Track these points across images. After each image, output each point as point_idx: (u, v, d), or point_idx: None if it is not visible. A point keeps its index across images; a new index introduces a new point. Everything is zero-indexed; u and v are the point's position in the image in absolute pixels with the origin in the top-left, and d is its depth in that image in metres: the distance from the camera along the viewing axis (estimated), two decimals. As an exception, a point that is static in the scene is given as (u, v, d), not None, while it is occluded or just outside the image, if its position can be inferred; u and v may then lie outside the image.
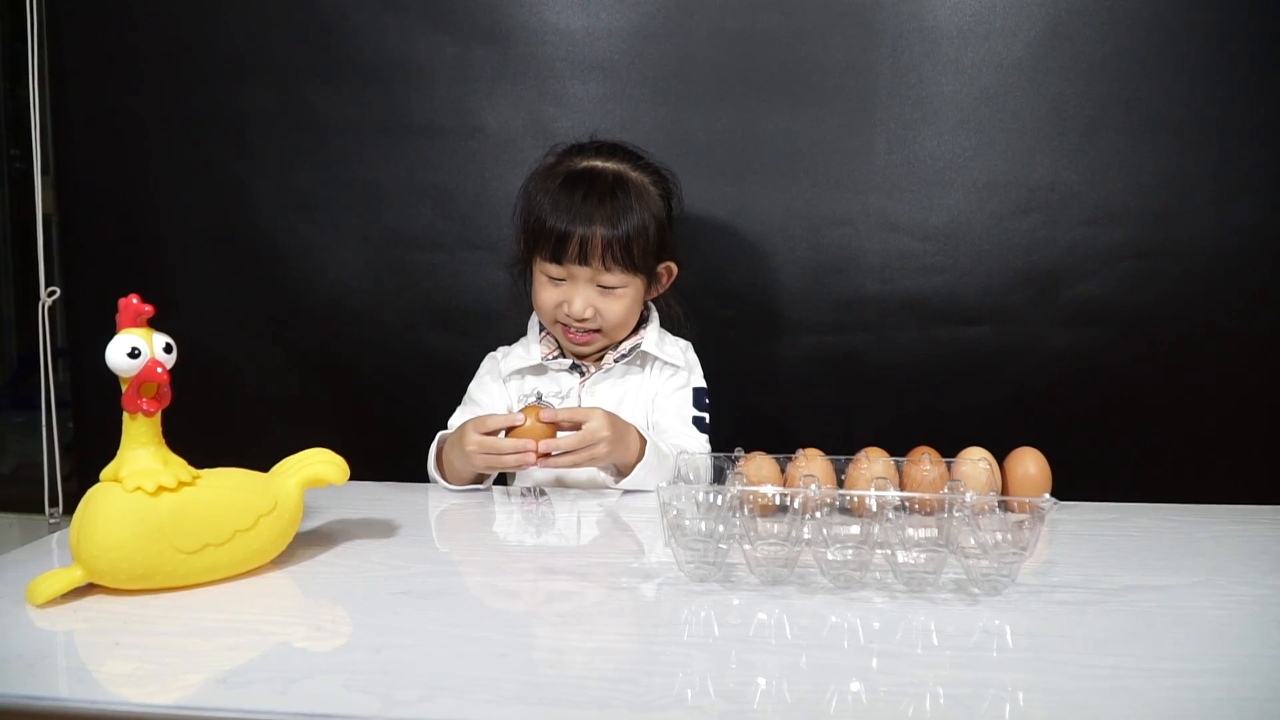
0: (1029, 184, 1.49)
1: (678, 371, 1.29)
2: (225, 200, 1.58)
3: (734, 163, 1.51)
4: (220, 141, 1.57)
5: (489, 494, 1.15)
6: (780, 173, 1.51)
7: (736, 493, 0.83)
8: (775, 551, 0.80)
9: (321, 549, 0.89)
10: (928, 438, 1.05)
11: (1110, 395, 1.51)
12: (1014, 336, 1.51)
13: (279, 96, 1.55)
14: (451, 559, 0.92)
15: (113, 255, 1.60)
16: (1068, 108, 1.47)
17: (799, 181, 1.51)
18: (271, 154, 1.56)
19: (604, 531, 1.02)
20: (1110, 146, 1.47)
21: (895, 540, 0.79)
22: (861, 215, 1.51)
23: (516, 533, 1.03)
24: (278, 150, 1.56)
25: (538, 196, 1.22)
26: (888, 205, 1.51)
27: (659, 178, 1.27)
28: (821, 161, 1.50)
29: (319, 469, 0.87)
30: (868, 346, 1.54)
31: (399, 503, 1.09)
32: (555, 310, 1.22)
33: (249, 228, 1.58)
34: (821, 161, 1.50)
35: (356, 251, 1.57)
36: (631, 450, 1.12)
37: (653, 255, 1.24)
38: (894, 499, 0.81)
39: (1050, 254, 1.49)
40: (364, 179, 1.55)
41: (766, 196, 1.52)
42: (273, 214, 1.57)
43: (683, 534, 0.81)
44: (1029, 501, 0.81)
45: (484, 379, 1.30)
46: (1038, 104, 1.47)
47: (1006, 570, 0.78)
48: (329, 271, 1.57)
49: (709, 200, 1.50)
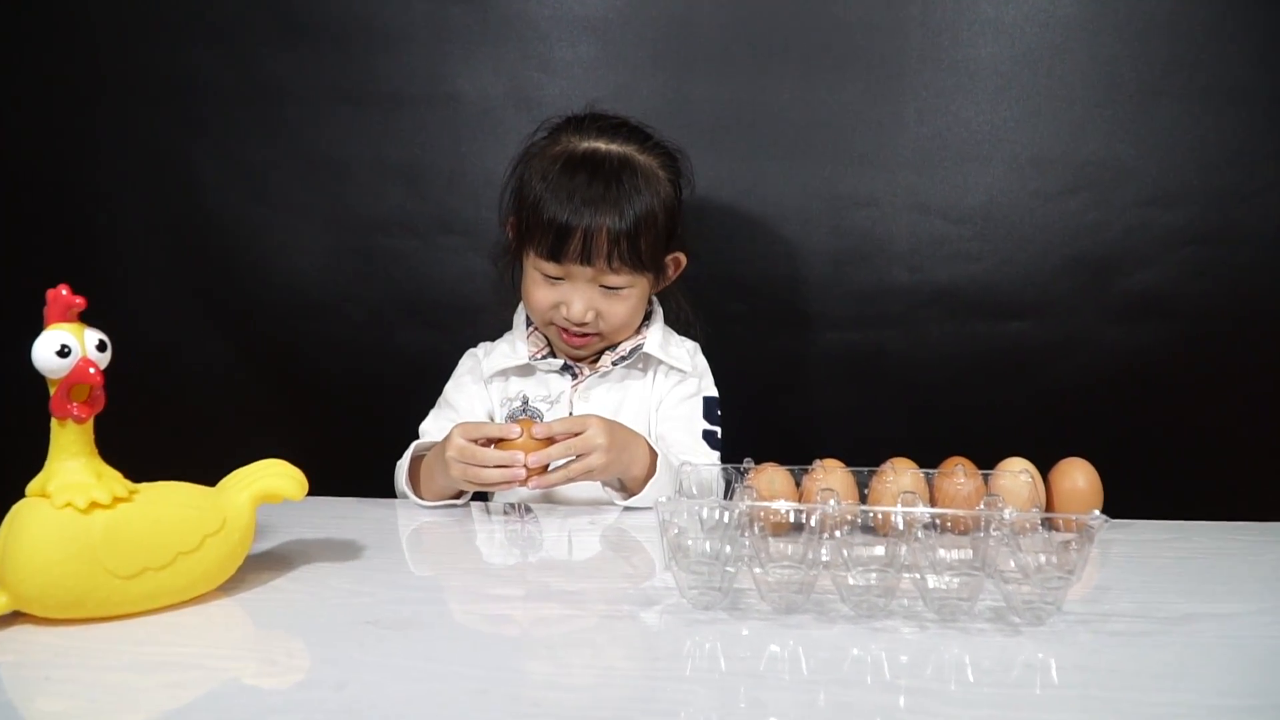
0: (1077, 159, 1.49)
1: (685, 378, 1.29)
2: (168, 179, 1.58)
3: (743, 136, 1.52)
4: (162, 112, 1.57)
5: (467, 510, 1.15)
6: (796, 148, 1.52)
7: (746, 509, 0.83)
8: (789, 575, 0.80)
9: (276, 573, 0.89)
10: (962, 447, 1.06)
11: (1169, 398, 1.52)
12: (1060, 332, 1.52)
13: (229, 61, 1.55)
14: (425, 584, 0.92)
15: (39, 241, 1.60)
16: (1122, 73, 1.47)
17: (817, 157, 1.52)
18: (220, 127, 1.56)
19: (597, 553, 1.03)
20: (1169, 117, 1.47)
21: (925, 563, 0.79)
22: (888, 195, 1.52)
23: (499, 554, 1.04)
24: (228, 122, 1.56)
25: (532, 182, 1.22)
26: (918, 184, 1.52)
27: (669, 159, 1.27)
28: (843, 134, 1.51)
29: (273, 483, 0.87)
30: (894, 343, 1.55)
31: (365, 520, 1.09)
32: (550, 311, 1.23)
33: (195, 210, 1.58)
34: (843, 134, 1.51)
35: (317, 237, 1.58)
36: (638, 462, 1.12)
37: (662, 248, 1.25)
38: (923, 516, 0.81)
39: (1101, 239, 1.50)
40: (325, 155, 1.56)
41: (780, 175, 1.53)
42: (222, 195, 1.57)
43: (685, 555, 0.81)
44: (1077, 519, 0.81)
45: (462, 380, 1.30)
46: (1088, 68, 1.48)
47: (1051, 597, 0.78)
48: (286, 259, 1.58)
49: (715, 180, 1.51)
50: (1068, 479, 1.04)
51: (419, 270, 1.57)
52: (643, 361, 1.29)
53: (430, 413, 1.30)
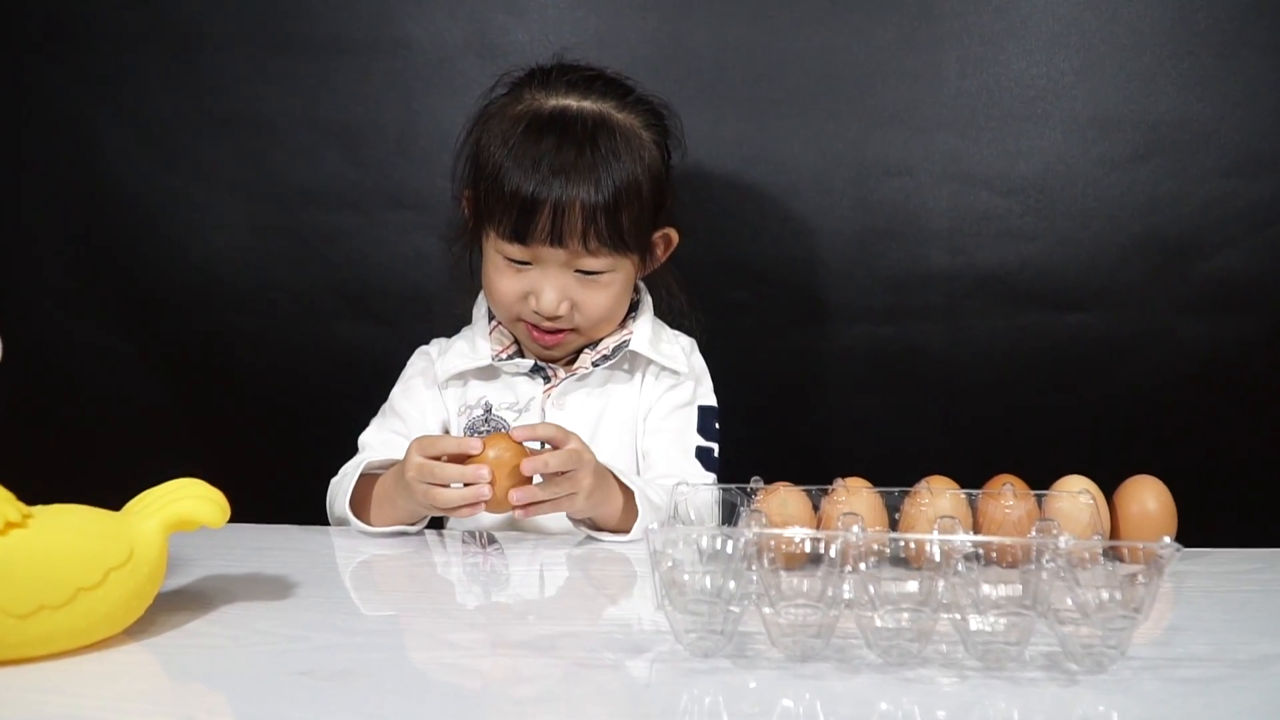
0: (1148, 120, 1.51)
1: (679, 382, 1.29)
2: (60, 142, 1.58)
3: (750, 91, 1.53)
4: (51, 62, 1.56)
5: (421, 540, 1.16)
6: (814, 105, 1.53)
7: (753, 537, 0.83)
8: (805, 616, 0.79)
9: (192, 614, 0.89)
10: (1011, 463, 1.06)
11: (1256, 405, 1.53)
12: (1128, 326, 1.54)
13: (133, 1, 1.55)
14: (369, 627, 0.91)
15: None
16: (1199, 20, 1.48)
17: (839, 116, 1.53)
18: (121, 79, 1.56)
19: (576, 590, 1.03)
20: (1255, 71, 1.49)
21: (966, 600, 0.79)
22: (924, 162, 1.53)
23: (458, 592, 1.04)
24: (131, 75, 1.56)
25: (491, 148, 1.22)
26: (960, 148, 1.53)
27: (653, 117, 1.27)
28: (870, 89, 1.52)
29: (189, 506, 0.86)
30: (932, 340, 1.56)
31: (297, 551, 1.09)
32: (518, 304, 1.23)
33: (92, 179, 1.58)
34: (870, 89, 1.52)
35: (238, 212, 1.58)
36: (615, 499, 1.13)
37: (648, 223, 1.25)
38: (965, 545, 0.80)
39: (1177, 214, 1.51)
40: (248, 113, 1.56)
41: (795, 137, 1.54)
42: (124, 160, 1.58)
43: (681, 593, 0.80)
44: (1145, 547, 0.80)
45: (412, 384, 1.30)
46: (1160, 13, 1.49)
47: (1114, 639, 0.78)
48: (201, 238, 1.59)
49: (715, 144, 1.51)
50: (1136, 501, 1.05)
51: (361, 252, 1.58)
52: (629, 361, 1.29)
53: (372, 422, 1.31)
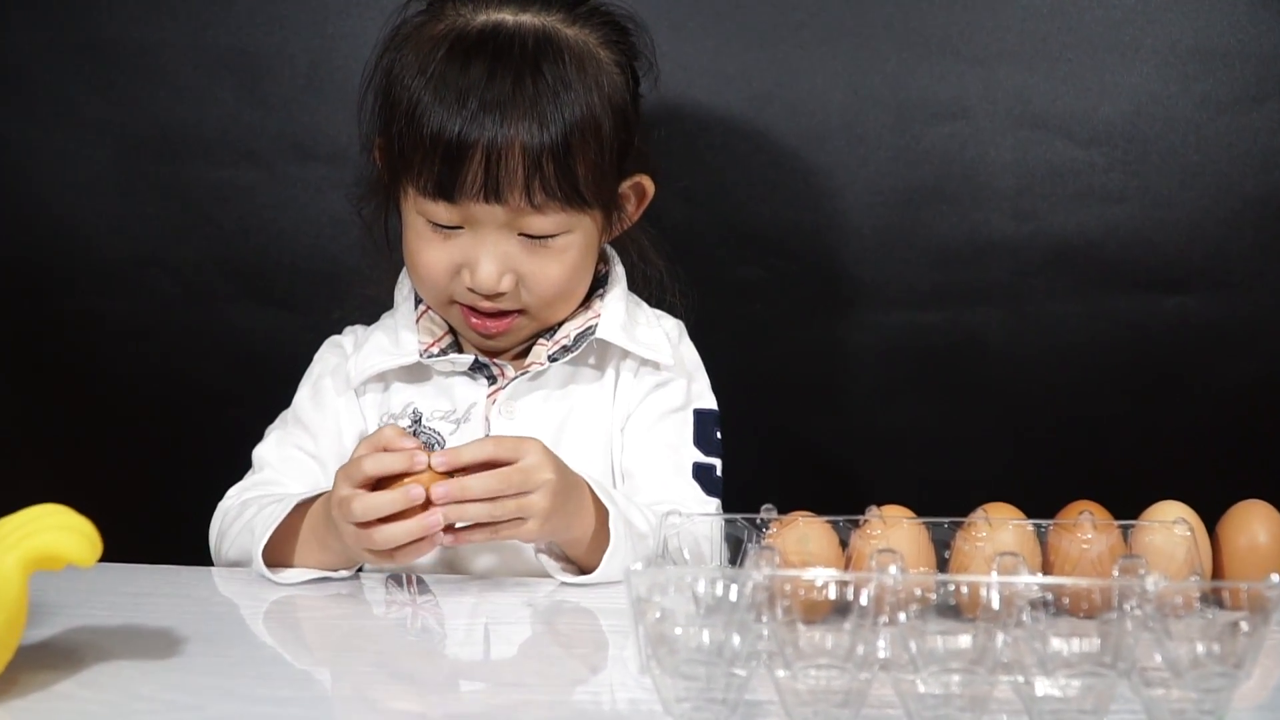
0: (1261, 52, 1.52)
1: (666, 378, 1.29)
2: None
3: (760, 10, 1.53)
4: None
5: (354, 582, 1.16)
6: (842, 29, 1.53)
7: (764, 581, 0.82)
8: (829, 680, 0.79)
9: (59, 673, 0.89)
10: (1090, 487, 1.07)
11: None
12: (1240, 311, 1.55)
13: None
14: (275, 694, 0.91)
15: None
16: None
17: (873, 44, 1.53)
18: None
19: (533, 648, 1.02)
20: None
21: (1032, 659, 0.79)
22: (983, 103, 1.53)
23: (387, 651, 1.02)
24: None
25: (405, 79, 1.22)
26: (1027, 86, 1.53)
27: (614, 31, 1.27)
28: (915, 9, 1.53)
29: (51, 539, 0.86)
30: (992, 330, 1.56)
31: (186, 598, 1.10)
32: (448, 281, 1.23)
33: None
34: (915, 9, 1.53)
35: (105, 164, 1.59)
36: (584, 519, 1.13)
37: (611, 171, 1.24)
38: (1032, 590, 0.81)
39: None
40: (119, 42, 1.57)
41: (816, 71, 1.54)
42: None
43: (672, 651, 0.80)
44: (1250, 588, 0.81)
45: (320, 386, 1.30)
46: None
47: (1211, 702, 0.79)
48: (60, 199, 1.60)
49: (717, 77, 1.51)
50: (1243, 532, 1.05)
51: (259, 217, 1.59)
52: (597, 353, 1.29)
53: (269, 433, 1.30)
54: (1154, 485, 1.08)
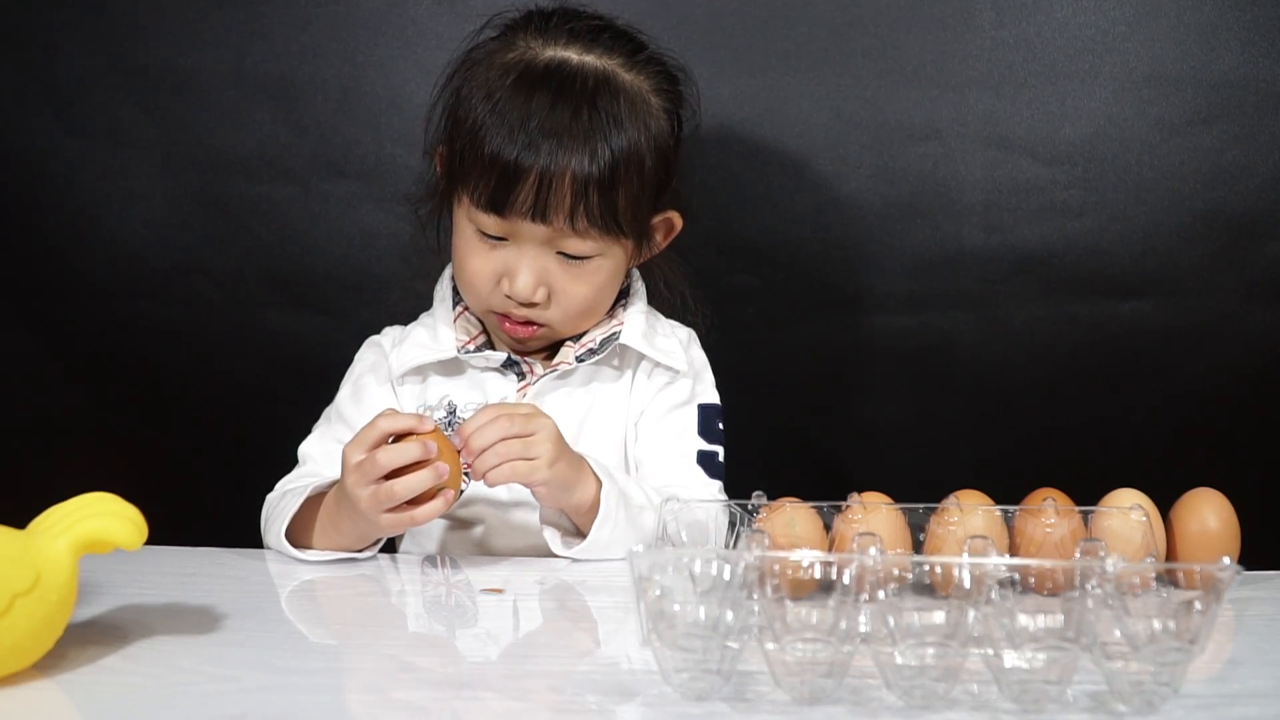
0: (1211, 78, 1.56)
1: (675, 379, 1.33)
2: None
3: (754, 42, 1.59)
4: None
5: (373, 564, 1.19)
6: (827, 58, 1.59)
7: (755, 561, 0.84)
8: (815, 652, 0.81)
9: (106, 648, 0.89)
10: (1054, 475, 1.11)
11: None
12: (1190, 316, 1.60)
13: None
14: (310, 666, 0.92)
15: None
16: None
17: (856, 71, 1.59)
18: (20, 27, 1.61)
19: (548, 624, 1.05)
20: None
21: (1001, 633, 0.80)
22: (955, 125, 1.59)
23: (415, 625, 1.06)
24: (24, 20, 1.61)
25: (473, 100, 1.24)
26: (996, 109, 1.59)
27: (666, 80, 1.30)
28: (892, 40, 1.58)
29: (100, 525, 0.87)
30: (964, 332, 1.63)
31: (225, 578, 1.12)
32: (490, 289, 1.26)
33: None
34: (892, 40, 1.58)
35: (153, 181, 1.64)
36: (585, 487, 1.16)
37: (647, 204, 1.28)
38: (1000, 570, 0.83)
39: (1246, 187, 1.58)
40: (165, 65, 1.62)
41: (805, 95, 1.59)
42: (17, 119, 1.62)
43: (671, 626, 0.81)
44: (1203, 570, 0.83)
45: (362, 382, 1.33)
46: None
47: (1167, 675, 0.80)
48: (110, 213, 1.64)
49: (717, 102, 1.54)
50: (1195, 517, 1.08)
51: (294, 229, 1.64)
52: (618, 356, 1.33)
53: (314, 430, 1.33)
54: (1112, 474, 1.12)
